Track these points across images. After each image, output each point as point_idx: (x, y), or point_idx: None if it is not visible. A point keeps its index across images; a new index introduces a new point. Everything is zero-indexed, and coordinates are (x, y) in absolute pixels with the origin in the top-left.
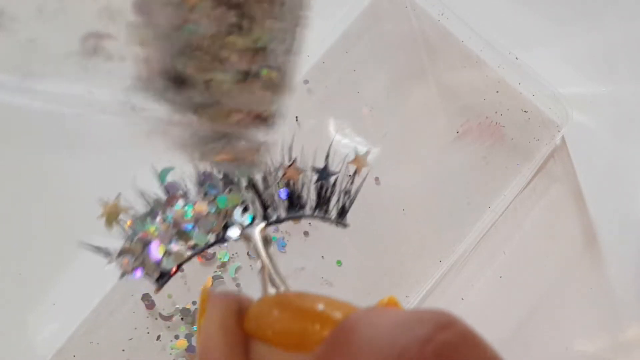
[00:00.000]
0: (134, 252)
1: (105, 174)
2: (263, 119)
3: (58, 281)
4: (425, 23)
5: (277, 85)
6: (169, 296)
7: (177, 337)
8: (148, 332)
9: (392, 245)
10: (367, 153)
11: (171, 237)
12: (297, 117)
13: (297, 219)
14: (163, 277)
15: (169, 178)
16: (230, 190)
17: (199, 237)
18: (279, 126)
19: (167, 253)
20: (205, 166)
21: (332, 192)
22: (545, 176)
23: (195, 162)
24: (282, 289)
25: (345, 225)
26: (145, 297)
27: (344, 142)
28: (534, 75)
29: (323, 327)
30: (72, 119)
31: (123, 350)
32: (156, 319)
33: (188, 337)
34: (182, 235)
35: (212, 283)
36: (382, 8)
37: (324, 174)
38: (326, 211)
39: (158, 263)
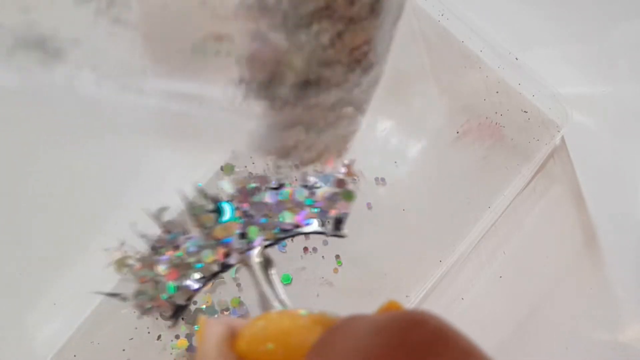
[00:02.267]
0: (147, 293)
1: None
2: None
3: (58, 281)
4: (425, 24)
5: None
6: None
7: (177, 336)
8: (148, 332)
9: (392, 245)
10: (352, 162)
11: (179, 273)
12: None
13: (293, 237)
14: (177, 312)
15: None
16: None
17: (203, 269)
18: (365, 112)
19: (178, 289)
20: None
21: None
22: (545, 176)
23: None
24: (275, 308)
25: (342, 237)
26: None
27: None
28: (533, 76)
29: (305, 341)
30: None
31: (124, 350)
32: (157, 318)
33: (188, 336)
34: (188, 269)
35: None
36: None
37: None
38: (322, 224)
39: (171, 300)
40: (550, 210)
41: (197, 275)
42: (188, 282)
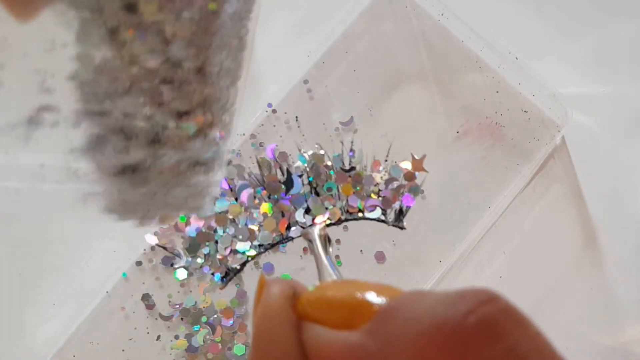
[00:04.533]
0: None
1: None
2: (203, 164)
3: (58, 281)
4: (425, 23)
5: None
6: (169, 296)
7: (177, 337)
8: (148, 332)
9: (392, 245)
10: (423, 157)
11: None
12: (297, 116)
13: (356, 220)
14: (228, 275)
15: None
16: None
17: (263, 237)
18: (217, 169)
19: (233, 252)
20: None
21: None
22: (545, 176)
23: (140, 221)
24: (334, 277)
25: (402, 228)
26: (145, 297)
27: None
28: (534, 75)
29: (371, 306)
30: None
31: (123, 351)
32: (156, 319)
33: (188, 337)
34: (249, 235)
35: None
36: (382, 8)
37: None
38: (384, 213)
39: (224, 262)
40: (550, 210)
41: (255, 242)
42: (245, 247)
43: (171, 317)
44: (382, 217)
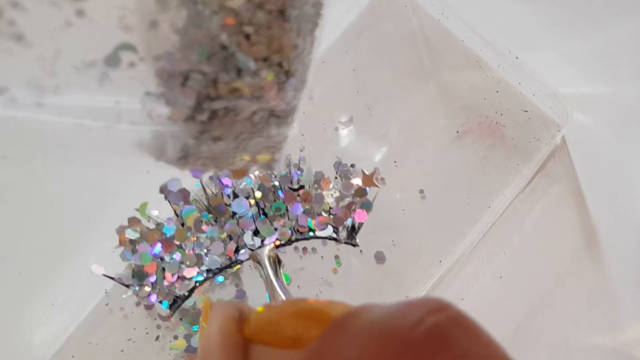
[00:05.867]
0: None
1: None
2: (276, 116)
3: (57, 282)
4: (425, 23)
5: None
6: None
7: (176, 337)
8: (147, 333)
9: (392, 245)
10: (373, 172)
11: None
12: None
13: (307, 239)
14: (176, 303)
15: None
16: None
17: (211, 262)
18: (290, 123)
19: (181, 278)
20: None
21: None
22: (545, 176)
23: (215, 169)
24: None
25: (355, 245)
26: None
27: (345, 144)
28: (534, 75)
29: (319, 324)
30: (97, 130)
31: (122, 351)
32: (155, 319)
33: (187, 337)
34: (195, 261)
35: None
36: (382, 8)
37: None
38: (336, 231)
39: (171, 289)
40: (551, 210)
41: (203, 267)
42: (192, 274)
43: (170, 317)
44: (334, 235)
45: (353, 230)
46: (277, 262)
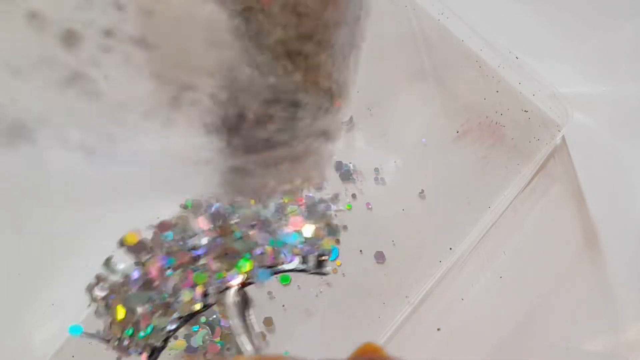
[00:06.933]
0: (125, 334)
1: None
2: (324, 134)
3: (56, 281)
4: (425, 23)
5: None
6: None
7: (176, 337)
8: None
9: (392, 245)
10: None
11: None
12: None
13: (275, 274)
14: (154, 354)
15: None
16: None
17: (181, 309)
18: (336, 138)
19: (155, 329)
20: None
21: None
22: (545, 176)
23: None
24: (247, 349)
25: (324, 274)
26: None
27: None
28: (534, 75)
29: None
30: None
31: None
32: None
33: (187, 337)
34: (166, 309)
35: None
36: (382, 8)
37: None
38: (305, 261)
39: (148, 341)
40: (551, 210)
41: (175, 315)
42: (164, 323)
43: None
44: (302, 267)
45: (322, 259)
46: (245, 304)
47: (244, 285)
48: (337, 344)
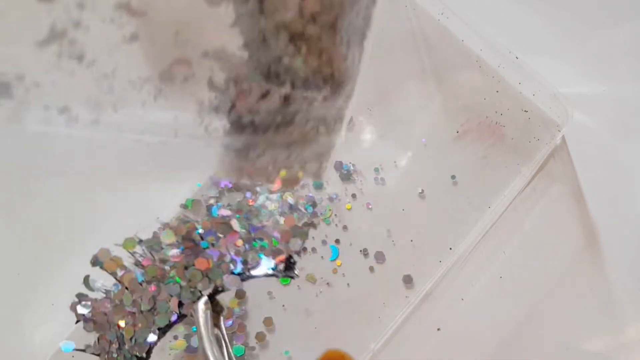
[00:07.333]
0: (109, 344)
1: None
2: (325, 124)
3: (57, 282)
4: (425, 23)
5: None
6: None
7: (175, 337)
8: None
9: (392, 245)
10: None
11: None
12: None
13: (243, 281)
14: None
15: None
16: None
17: (160, 320)
18: (337, 130)
19: (137, 342)
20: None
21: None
22: (545, 176)
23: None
24: None
25: (293, 277)
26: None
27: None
28: (534, 75)
29: None
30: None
31: None
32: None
33: (187, 337)
34: (145, 321)
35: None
36: (382, 8)
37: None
38: (273, 267)
39: (132, 352)
40: (551, 210)
41: (154, 327)
42: (146, 335)
43: None
44: (270, 272)
45: (290, 261)
46: (218, 313)
47: (214, 294)
48: (337, 344)
